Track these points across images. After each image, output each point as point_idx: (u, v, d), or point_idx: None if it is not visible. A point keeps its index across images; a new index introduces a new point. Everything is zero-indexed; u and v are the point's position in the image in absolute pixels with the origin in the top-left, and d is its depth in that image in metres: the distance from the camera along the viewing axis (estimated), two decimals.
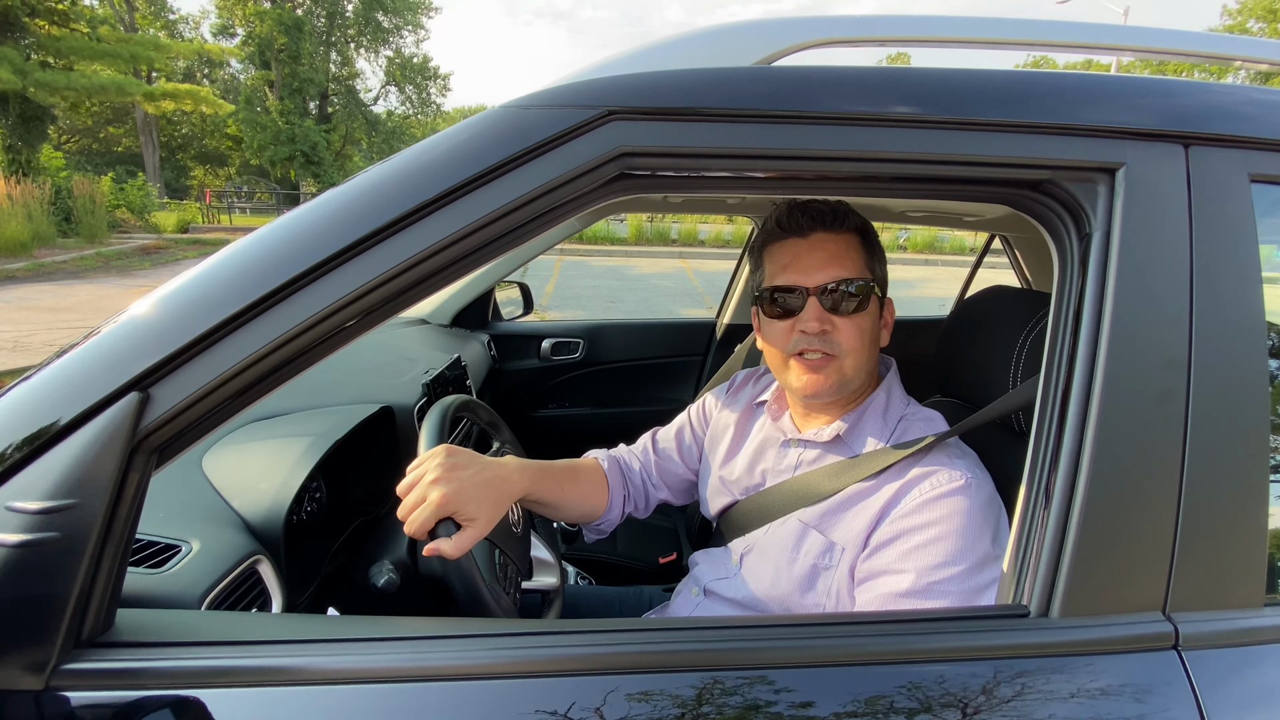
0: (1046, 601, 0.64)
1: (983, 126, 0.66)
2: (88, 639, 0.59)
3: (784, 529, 0.93)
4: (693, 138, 0.64)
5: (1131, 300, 0.64)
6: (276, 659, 0.60)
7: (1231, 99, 0.70)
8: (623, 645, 0.63)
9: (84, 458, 0.57)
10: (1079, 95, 0.67)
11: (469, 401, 1.09)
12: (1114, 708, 0.61)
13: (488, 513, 0.84)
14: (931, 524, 0.81)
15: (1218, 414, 0.64)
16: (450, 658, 0.61)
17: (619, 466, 1.19)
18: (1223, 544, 0.65)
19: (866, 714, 0.60)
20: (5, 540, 0.56)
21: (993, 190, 0.70)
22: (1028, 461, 0.69)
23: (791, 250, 0.93)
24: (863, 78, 0.66)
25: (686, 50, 0.68)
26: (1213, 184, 0.67)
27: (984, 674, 0.62)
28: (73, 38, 15.04)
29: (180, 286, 0.63)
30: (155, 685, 0.58)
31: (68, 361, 0.61)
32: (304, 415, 1.33)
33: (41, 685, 0.57)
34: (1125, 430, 0.63)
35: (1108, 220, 0.66)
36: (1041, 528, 0.66)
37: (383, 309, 0.65)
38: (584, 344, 2.68)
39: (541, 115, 0.64)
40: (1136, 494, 0.63)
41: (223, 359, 0.61)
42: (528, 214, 0.65)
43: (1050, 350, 0.69)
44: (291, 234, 0.63)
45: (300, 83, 27.57)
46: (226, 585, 0.86)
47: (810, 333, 0.90)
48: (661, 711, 0.59)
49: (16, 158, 14.22)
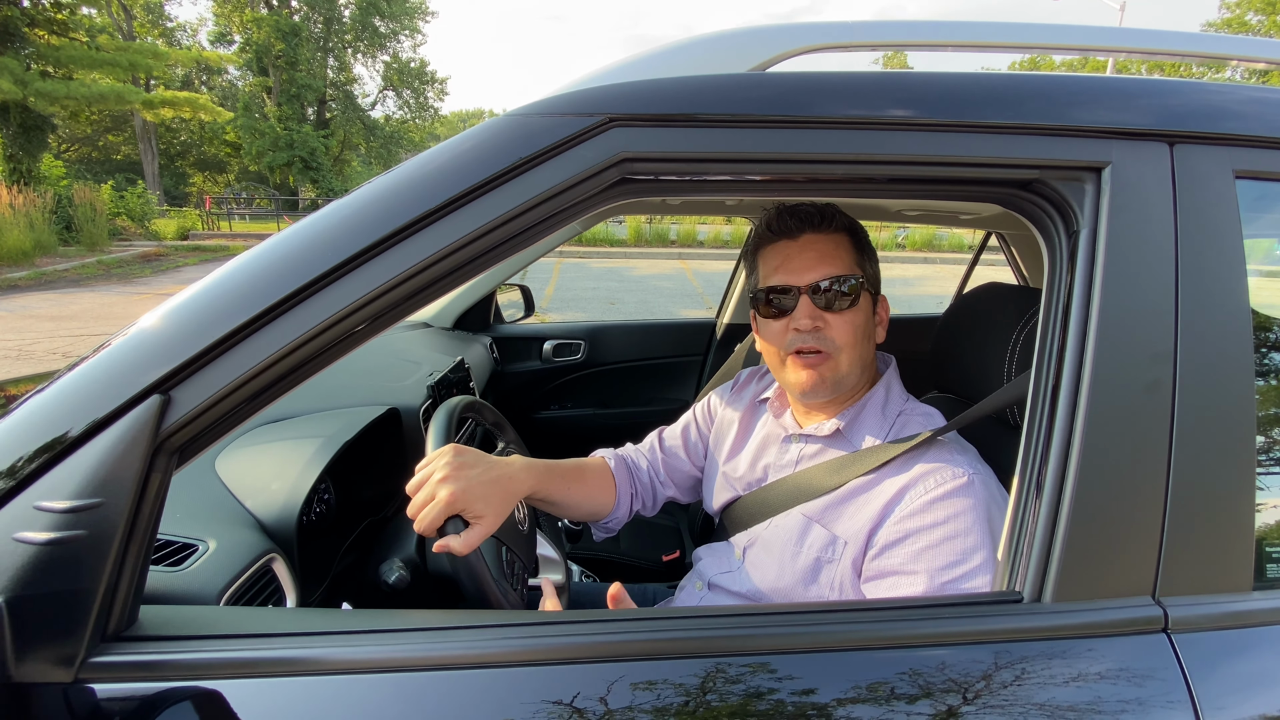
0: (1039, 587, 0.66)
1: (973, 128, 0.68)
2: (113, 633, 0.61)
3: (786, 523, 0.95)
4: (692, 143, 0.66)
5: (1118, 295, 0.66)
6: (295, 650, 0.61)
7: (1215, 97, 0.72)
8: (628, 634, 0.64)
9: (109, 458, 0.59)
10: (1066, 96, 0.69)
11: (474, 402, 1.12)
12: (1107, 690, 0.63)
13: (495, 510, 0.86)
14: (939, 524, 0.82)
15: (1204, 404, 0.66)
16: (461, 648, 0.62)
17: (626, 465, 1.21)
18: (1211, 529, 0.67)
19: (868, 699, 0.62)
20: (34, 538, 0.58)
21: (984, 190, 0.72)
22: (1020, 453, 0.71)
23: (783, 252, 0.96)
24: (856, 82, 0.68)
25: (684, 57, 0.70)
26: (1197, 180, 0.69)
27: (979, 659, 0.64)
28: (72, 47, 15.08)
29: (197, 293, 0.65)
30: (179, 677, 0.60)
31: (91, 366, 0.63)
32: (313, 418, 1.35)
33: (70, 678, 0.59)
34: (1114, 421, 0.65)
35: (1095, 218, 0.68)
36: (1034, 516, 0.68)
37: (392, 313, 0.67)
38: (585, 345, 2.70)
39: (544, 123, 0.66)
40: (1125, 482, 0.65)
41: (239, 363, 0.63)
42: (532, 219, 0.67)
43: (1041, 345, 0.71)
44: (303, 242, 0.65)
45: (298, 89, 27.60)
46: (243, 583, 0.89)
47: (804, 330, 0.93)
48: (666, 699, 0.61)
49: (17, 167, 14.25)
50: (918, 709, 0.61)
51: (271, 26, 26.69)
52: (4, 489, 0.59)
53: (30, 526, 0.58)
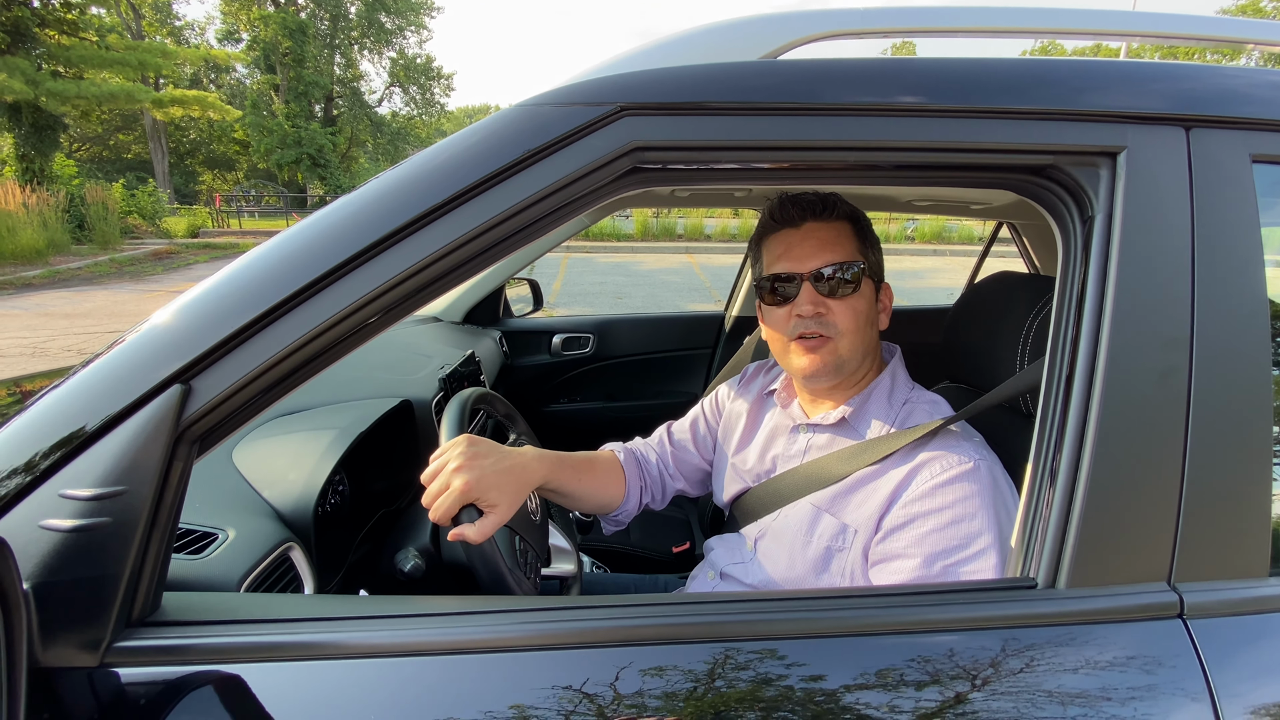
0: (1053, 573, 0.66)
1: (986, 114, 0.67)
2: (138, 619, 0.62)
3: (796, 513, 0.96)
4: (702, 131, 0.66)
5: (1134, 280, 0.66)
6: (314, 635, 0.63)
7: (1232, 81, 0.71)
8: (640, 619, 0.65)
9: (132, 446, 0.60)
10: (1080, 81, 0.68)
11: (486, 394, 1.12)
12: (1121, 677, 0.63)
13: (508, 499, 0.87)
14: (943, 509, 0.83)
15: (1220, 391, 0.66)
16: (476, 632, 0.63)
17: (635, 459, 1.22)
18: (1227, 515, 0.66)
19: (876, 685, 0.62)
20: (60, 526, 0.59)
21: (997, 176, 0.72)
22: (1034, 439, 0.70)
23: (785, 240, 0.97)
24: (867, 69, 0.68)
25: (695, 45, 0.70)
26: (1214, 165, 0.68)
27: (992, 645, 0.64)
28: (82, 46, 15.20)
29: (214, 287, 0.66)
30: (201, 661, 0.61)
31: (110, 359, 0.64)
32: (328, 410, 1.37)
33: (96, 662, 0.60)
34: (1129, 407, 0.65)
35: (1110, 203, 0.67)
36: (1048, 502, 0.67)
37: (405, 305, 0.68)
38: (594, 339, 2.71)
39: (556, 113, 0.66)
40: (1141, 467, 0.65)
41: (257, 353, 0.64)
42: (544, 209, 0.67)
43: (1055, 331, 0.70)
44: (317, 235, 0.66)
45: (305, 86, 27.71)
46: (262, 571, 0.90)
47: (805, 316, 0.94)
48: (676, 684, 0.61)
49: (30, 167, 14.40)
50: (926, 695, 0.61)
51: (278, 24, 26.78)
52: (29, 479, 0.60)
53: (56, 514, 0.59)
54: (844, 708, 0.61)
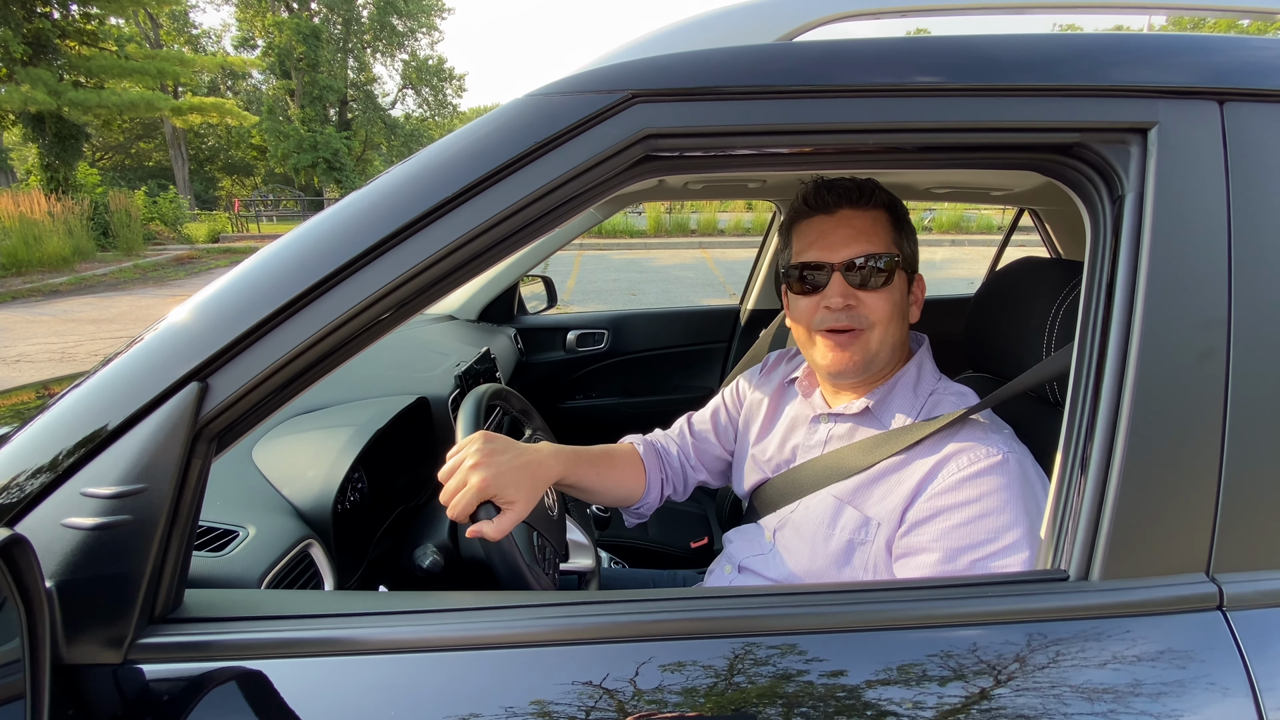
0: (1086, 565, 0.64)
1: (1008, 92, 0.65)
2: (160, 616, 0.63)
3: (817, 505, 0.94)
4: (716, 117, 0.65)
5: (1168, 260, 0.63)
6: (335, 631, 0.62)
7: (1267, 53, 0.68)
8: (659, 614, 0.64)
9: (151, 444, 0.60)
10: (1107, 55, 0.66)
11: (502, 390, 1.12)
12: (1157, 670, 0.61)
13: (526, 495, 0.87)
14: (970, 502, 0.81)
15: (1260, 372, 0.63)
16: (495, 628, 0.63)
17: (655, 450, 1.21)
18: (1269, 502, 0.64)
19: (899, 681, 0.60)
20: (82, 524, 0.60)
21: (1021, 156, 0.70)
22: (1064, 427, 0.68)
23: (818, 227, 0.94)
24: (884, 48, 0.66)
25: (707, 30, 0.69)
26: (1249, 140, 0.65)
27: (1023, 638, 0.62)
28: (102, 56, 15.49)
29: (228, 285, 0.66)
30: (223, 657, 0.62)
31: (127, 359, 0.65)
32: (345, 407, 1.37)
33: (120, 659, 0.60)
34: (1163, 392, 0.63)
35: (1140, 181, 0.65)
36: (1079, 493, 0.65)
37: (420, 298, 0.68)
38: (609, 334, 2.70)
39: (567, 101, 0.65)
40: (1177, 455, 0.63)
41: (273, 350, 0.64)
42: (557, 199, 0.67)
43: (1084, 316, 0.68)
44: (329, 231, 0.66)
45: (320, 90, 28.04)
46: (283, 567, 0.91)
47: (834, 309, 0.91)
48: (695, 679, 0.61)
49: (55, 175, 14.73)
50: (949, 691, 0.60)
51: (292, 29, 27.11)
52: (50, 478, 0.61)
53: (77, 513, 0.60)
54: (866, 704, 0.60)
